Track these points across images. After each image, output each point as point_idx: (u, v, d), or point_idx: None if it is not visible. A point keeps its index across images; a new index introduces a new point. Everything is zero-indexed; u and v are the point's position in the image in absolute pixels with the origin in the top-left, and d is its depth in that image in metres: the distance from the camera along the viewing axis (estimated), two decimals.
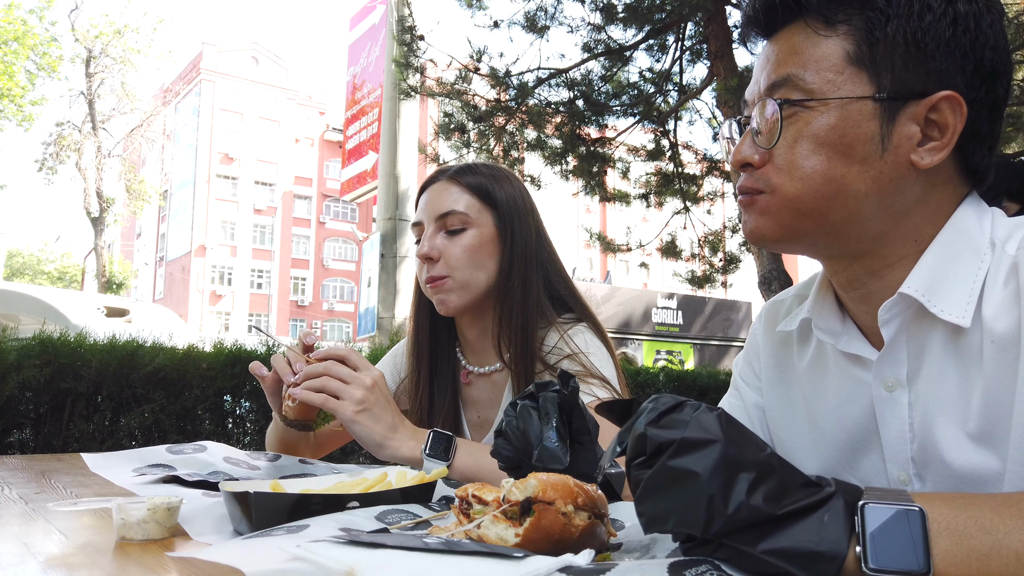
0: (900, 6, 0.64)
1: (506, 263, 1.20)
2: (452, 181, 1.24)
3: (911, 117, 0.64)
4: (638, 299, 13.92)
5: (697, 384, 5.07)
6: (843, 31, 0.66)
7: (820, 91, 0.66)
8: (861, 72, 0.65)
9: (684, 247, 6.94)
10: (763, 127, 0.69)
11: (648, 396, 0.53)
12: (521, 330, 1.16)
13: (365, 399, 0.99)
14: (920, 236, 0.67)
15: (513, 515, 0.54)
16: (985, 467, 0.63)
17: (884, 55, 0.64)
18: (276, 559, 0.49)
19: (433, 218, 1.22)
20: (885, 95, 0.64)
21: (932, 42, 0.64)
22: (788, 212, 0.68)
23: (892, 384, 0.69)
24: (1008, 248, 0.65)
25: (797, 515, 0.46)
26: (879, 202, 0.66)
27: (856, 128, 0.65)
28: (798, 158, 0.66)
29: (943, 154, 0.65)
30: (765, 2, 0.70)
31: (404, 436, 1.01)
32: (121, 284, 21.60)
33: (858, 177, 0.65)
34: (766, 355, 0.86)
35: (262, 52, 36.71)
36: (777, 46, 0.70)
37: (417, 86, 6.05)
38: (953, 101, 0.64)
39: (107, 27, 20.00)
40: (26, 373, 2.85)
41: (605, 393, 1.10)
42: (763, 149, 0.68)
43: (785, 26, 0.70)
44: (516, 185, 1.27)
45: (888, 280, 0.69)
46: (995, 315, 0.63)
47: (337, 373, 1.01)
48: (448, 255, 1.19)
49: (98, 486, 1.02)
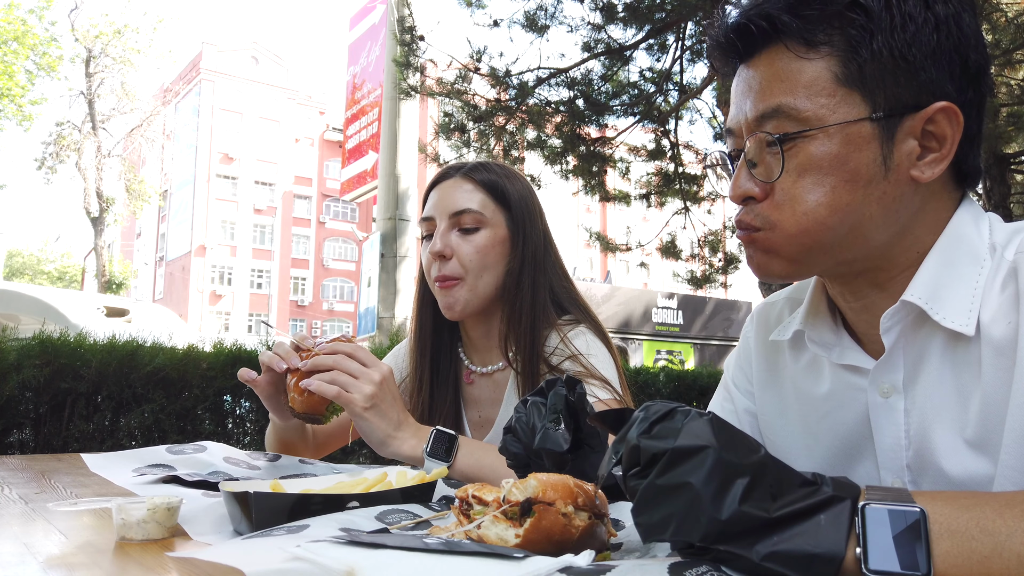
0: (882, 20, 0.62)
1: (516, 265, 1.19)
2: (466, 178, 1.22)
3: (908, 132, 0.63)
4: (638, 299, 13.92)
5: (697, 384, 5.07)
6: (826, 52, 0.63)
7: (816, 118, 0.63)
8: (853, 93, 0.62)
9: (684, 247, 6.93)
10: (760, 160, 0.66)
11: (648, 396, 0.53)
12: (529, 332, 1.16)
13: (375, 395, 0.99)
14: (921, 246, 0.67)
15: (513, 515, 0.54)
16: (981, 473, 0.63)
17: (874, 73, 0.62)
18: (276, 559, 0.49)
19: (447, 215, 1.19)
20: (882, 114, 0.62)
21: (919, 53, 0.62)
22: (794, 247, 0.66)
23: (888, 390, 0.69)
24: (1007, 253, 0.64)
25: (794, 518, 0.46)
26: (884, 221, 0.64)
27: (858, 152, 0.62)
28: (802, 192, 0.64)
29: (943, 165, 0.64)
30: (739, 27, 0.67)
31: (407, 434, 1.01)
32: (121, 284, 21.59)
33: (864, 202, 0.63)
34: (758, 360, 0.85)
35: (262, 52, 36.70)
36: (758, 72, 0.66)
37: (417, 86, 6.05)
38: (949, 111, 0.63)
39: (107, 27, 20.00)
40: (26, 373, 2.85)
41: (606, 394, 1.10)
42: (764, 183, 0.66)
43: (763, 50, 0.66)
44: (526, 185, 1.27)
45: (891, 290, 0.68)
46: (993, 319, 0.63)
47: (347, 367, 1.01)
48: (461, 254, 1.17)
49: (98, 486, 1.02)
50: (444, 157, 6.52)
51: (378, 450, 1.02)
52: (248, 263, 34.95)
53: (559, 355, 1.15)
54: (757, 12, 0.65)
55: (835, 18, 0.63)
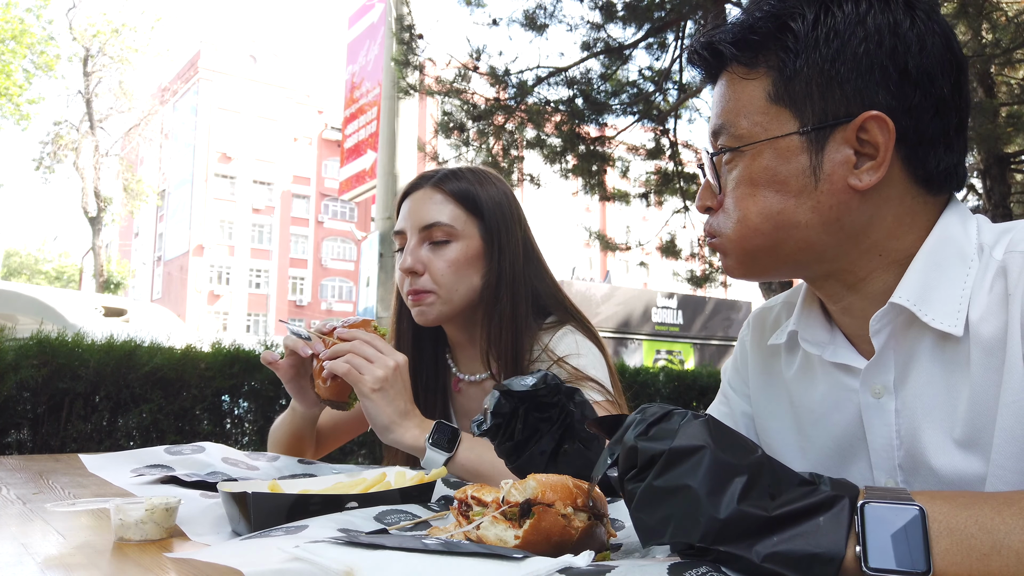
0: (807, 41, 0.66)
1: (493, 278, 1.17)
2: (436, 188, 1.18)
3: (841, 142, 0.65)
4: (638, 298, 13.92)
5: (697, 384, 5.07)
6: (763, 73, 0.68)
7: (749, 135, 0.68)
8: (783, 110, 0.67)
9: (684, 246, 6.93)
10: (712, 173, 0.72)
11: (648, 396, 0.54)
12: (511, 348, 1.14)
13: (385, 379, 1.01)
14: (884, 249, 0.68)
15: (512, 516, 0.54)
16: (972, 472, 0.63)
17: (799, 89, 0.66)
18: (275, 559, 0.48)
19: (417, 229, 1.17)
20: (809, 127, 0.66)
21: (843, 66, 0.65)
22: (740, 252, 0.71)
23: (879, 391, 0.69)
24: (995, 253, 0.65)
25: (793, 518, 0.46)
26: (825, 228, 0.67)
27: (786, 164, 0.67)
28: (738, 201, 0.69)
29: (881, 172, 0.65)
30: (693, 57, 0.75)
31: (411, 424, 1.02)
32: (119, 284, 21.58)
33: (797, 210, 0.67)
34: (754, 363, 0.86)
35: (260, 50, 36.68)
36: (717, 91, 0.73)
37: (416, 84, 6.04)
38: (878, 120, 0.64)
39: (105, 26, 19.97)
40: (24, 373, 2.85)
41: (598, 396, 1.09)
42: (716, 195, 0.73)
43: (720, 72, 0.73)
44: (502, 188, 1.23)
45: (865, 292, 0.70)
46: (981, 319, 0.63)
47: (363, 351, 1.03)
48: (433, 268, 1.15)
49: (96, 486, 1.02)
50: (443, 156, 6.52)
51: (382, 436, 1.03)
52: (246, 263, 34.93)
53: (545, 361, 1.14)
54: (705, 43, 0.73)
55: (770, 41, 0.68)
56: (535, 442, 0.71)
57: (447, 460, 0.99)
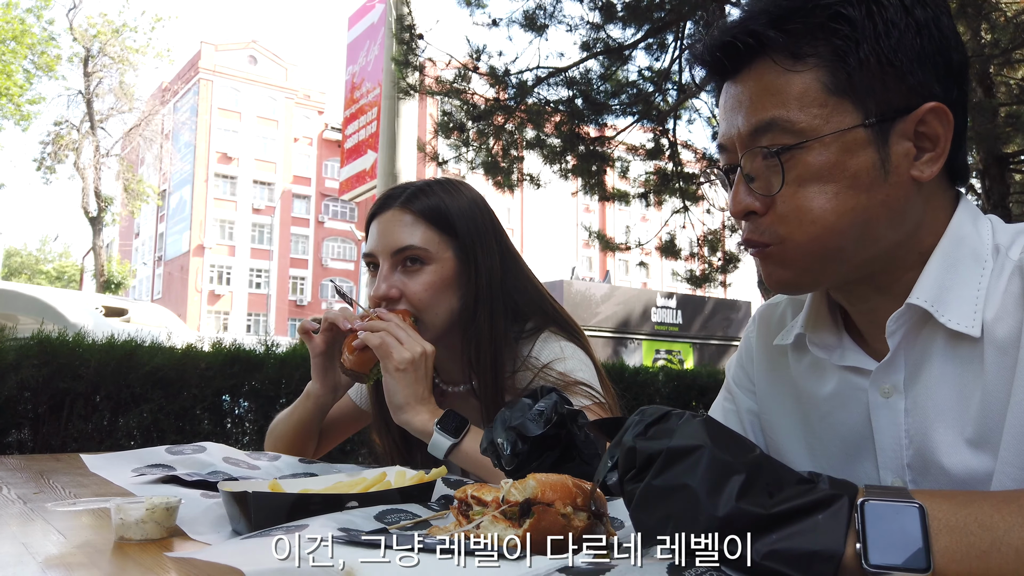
0: (865, 29, 0.63)
1: (471, 298, 1.13)
2: (405, 210, 1.13)
3: (902, 135, 0.64)
4: (637, 298, 13.91)
5: (697, 384, 5.08)
6: (813, 63, 0.64)
7: (811, 129, 0.64)
8: (844, 101, 0.64)
9: (683, 246, 6.93)
10: (758, 174, 0.67)
11: (648, 396, 0.54)
12: (491, 365, 1.12)
13: (412, 361, 1.04)
14: (922, 247, 0.68)
15: (512, 516, 0.54)
16: (983, 471, 0.63)
17: (863, 80, 0.63)
18: (275, 559, 0.49)
19: (388, 253, 1.13)
20: (874, 119, 0.63)
21: (905, 57, 0.63)
22: (808, 258, 0.66)
23: (888, 390, 0.69)
24: (1012, 253, 0.65)
25: (792, 516, 0.46)
26: (890, 223, 0.65)
27: (856, 158, 0.63)
28: (806, 201, 0.64)
29: (940, 163, 0.65)
30: (724, 44, 0.67)
31: (424, 409, 1.05)
32: (119, 284, 21.56)
33: (869, 205, 0.64)
34: (760, 361, 0.86)
35: (260, 51, 36.66)
36: (746, 87, 0.67)
37: (416, 85, 6.04)
38: (939, 111, 0.64)
39: (105, 26, 19.95)
40: (24, 373, 2.85)
41: (587, 400, 1.06)
42: (764, 196, 0.66)
43: (748, 65, 0.67)
44: (472, 196, 1.19)
45: (893, 294, 0.69)
46: (997, 319, 0.63)
47: (397, 333, 1.06)
48: (409, 293, 1.12)
49: (97, 486, 1.02)
50: (443, 156, 6.51)
51: (394, 414, 1.05)
52: (247, 263, 34.91)
53: (527, 371, 1.11)
54: (742, 29, 0.66)
55: (819, 30, 0.64)
56: (536, 459, 0.71)
57: (453, 445, 1.00)
